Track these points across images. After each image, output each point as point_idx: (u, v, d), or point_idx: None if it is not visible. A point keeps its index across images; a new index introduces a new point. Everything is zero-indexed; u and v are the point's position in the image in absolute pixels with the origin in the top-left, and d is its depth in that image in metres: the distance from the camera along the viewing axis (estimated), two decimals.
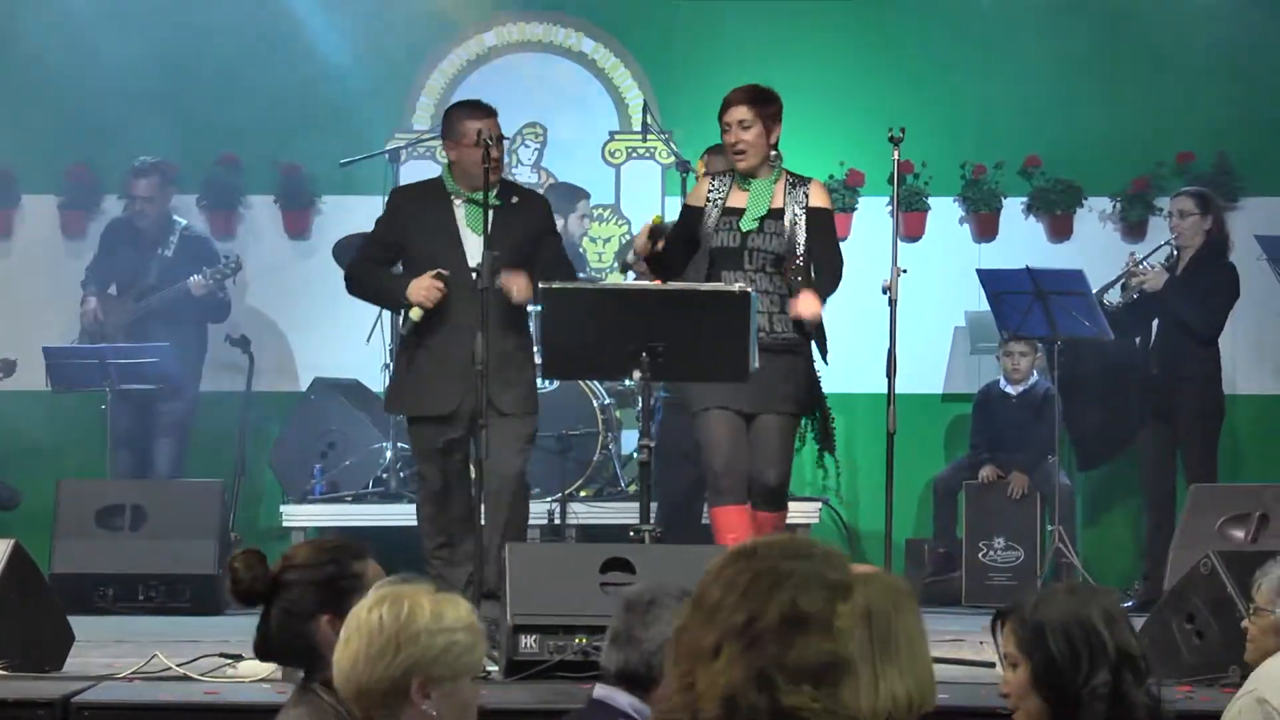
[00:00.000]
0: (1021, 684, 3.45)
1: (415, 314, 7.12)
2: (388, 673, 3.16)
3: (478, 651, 3.25)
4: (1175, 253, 9.29)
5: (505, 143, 7.30)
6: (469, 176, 7.15)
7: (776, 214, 7.03)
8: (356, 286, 7.44)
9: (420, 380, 7.20)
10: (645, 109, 10.12)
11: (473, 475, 7.12)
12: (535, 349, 7.17)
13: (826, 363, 7.17)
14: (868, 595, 3.24)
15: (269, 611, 3.75)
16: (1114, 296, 9.27)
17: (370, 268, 7.36)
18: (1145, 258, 9.27)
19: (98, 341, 9.67)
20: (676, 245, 7.09)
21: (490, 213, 7.01)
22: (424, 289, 7.07)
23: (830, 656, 2.67)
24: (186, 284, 9.63)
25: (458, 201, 7.22)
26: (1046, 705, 3.41)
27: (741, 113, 7.02)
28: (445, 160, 7.42)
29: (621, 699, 3.98)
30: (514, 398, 7.12)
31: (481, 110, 7.27)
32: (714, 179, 7.15)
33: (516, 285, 7.00)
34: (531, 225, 7.19)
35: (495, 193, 7.07)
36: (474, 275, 6.89)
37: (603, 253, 10.40)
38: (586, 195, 10.07)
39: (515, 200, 7.23)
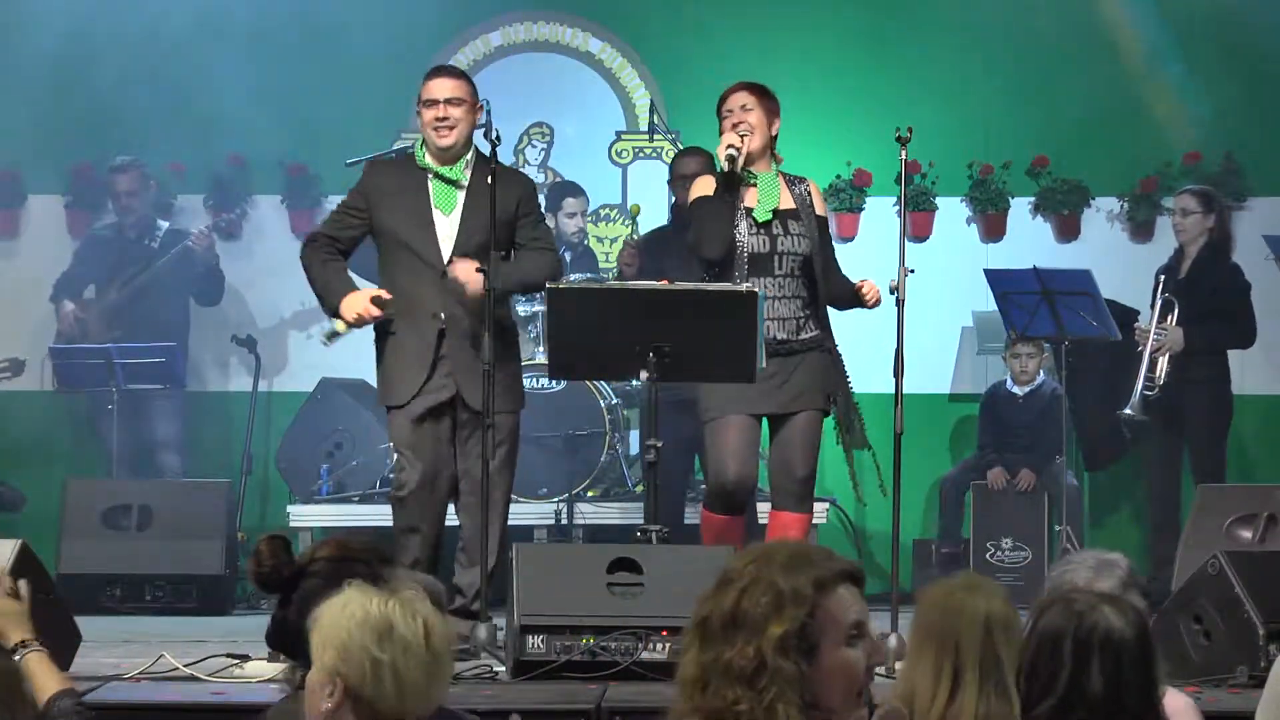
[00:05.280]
0: None
1: (339, 326, 6.82)
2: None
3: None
4: (1179, 250, 9.31)
5: (482, 112, 6.98)
6: (431, 145, 6.91)
7: (794, 215, 7.01)
8: (307, 268, 6.99)
9: (389, 369, 6.94)
10: (652, 109, 10.12)
11: (458, 482, 6.93)
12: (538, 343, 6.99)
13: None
14: (1002, 604, 3.24)
15: (287, 601, 3.74)
16: (1149, 390, 9.07)
17: (324, 256, 6.93)
18: (1151, 320, 9.12)
19: (77, 341, 9.69)
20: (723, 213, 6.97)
21: (462, 192, 6.88)
22: (356, 309, 6.77)
23: (755, 661, 2.68)
24: (186, 243, 9.68)
25: (428, 179, 6.92)
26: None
27: (743, 98, 7.02)
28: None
29: None
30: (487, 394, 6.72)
31: (435, 70, 7.09)
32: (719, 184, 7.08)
33: (468, 279, 6.70)
34: (508, 206, 6.81)
35: (465, 167, 6.90)
36: (445, 260, 6.80)
37: (609, 252, 10.39)
38: (577, 193, 9.95)
39: (490, 179, 6.81)
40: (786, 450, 6.96)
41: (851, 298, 7.06)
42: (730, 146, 6.89)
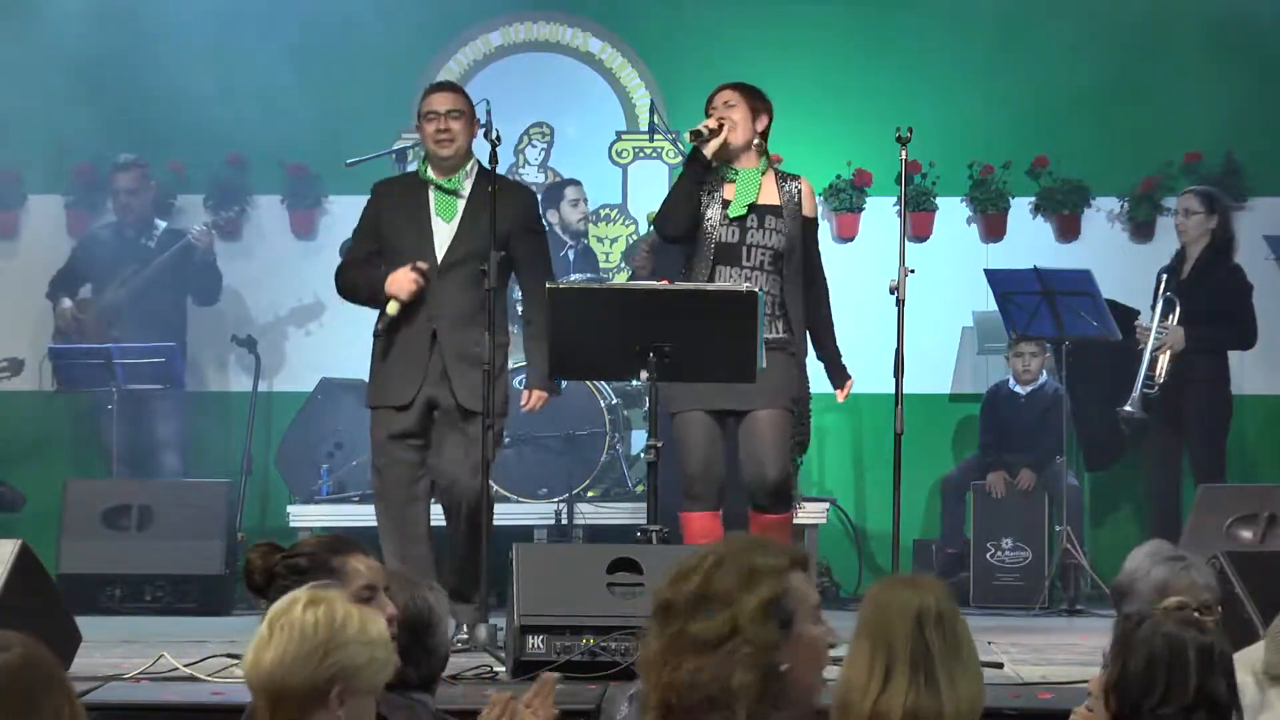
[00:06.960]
0: (1098, 685, 3.49)
1: (391, 307, 6.98)
2: (312, 676, 3.13)
3: (389, 671, 3.24)
4: (1181, 250, 9.32)
5: (479, 125, 7.16)
6: (433, 157, 7.08)
7: (774, 210, 7.03)
8: (346, 289, 7.30)
9: (384, 371, 7.08)
10: (652, 109, 10.12)
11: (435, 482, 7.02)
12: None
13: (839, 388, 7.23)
14: (935, 598, 3.27)
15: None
16: (1148, 388, 9.09)
17: (356, 268, 7.22)
18: (1151, 320, 9.16)
19: (75, 341, 9.69)
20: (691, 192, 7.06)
21: (462, 201, 7.00)
22: (400, 281, 6.95)
23: (727, 628, 2.79)
24: (186, 238, 9.69)
25: (430, 189, 7.08)
26: (1110, 716, 3.43)
27: (727, 95, 7.11)
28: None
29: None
30: (477, 396, 6.76)
31: (434, 86, 7.32)
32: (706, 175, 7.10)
33: (536, 401, 7.12)
34: (506, 218, 6.86)
35: (465, 177, 7.04)
36: (438, 263, 6.94)
37: (609, 253, 10.40)
38: (573, 183, 9.99)
39: (491, 189, 6.91)
40: (756, 455, 6.95)
41: (828, 363, 7.20)
42: (703, 125, 7.02)
